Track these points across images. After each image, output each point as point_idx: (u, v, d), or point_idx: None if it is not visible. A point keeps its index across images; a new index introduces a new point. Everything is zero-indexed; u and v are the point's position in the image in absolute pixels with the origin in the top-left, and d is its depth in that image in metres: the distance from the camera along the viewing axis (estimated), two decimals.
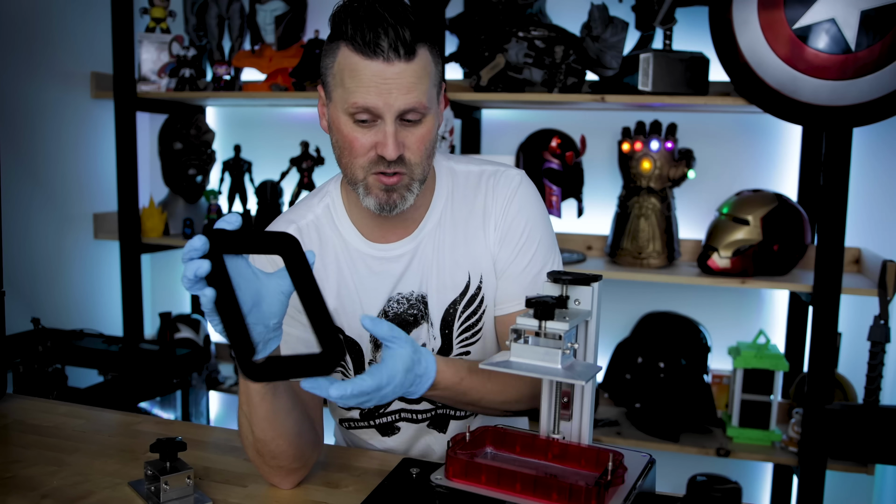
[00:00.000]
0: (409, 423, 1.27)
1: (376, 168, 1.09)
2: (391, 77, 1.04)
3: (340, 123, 1.09)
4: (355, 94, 1.05)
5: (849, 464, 2.12)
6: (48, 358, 2.28)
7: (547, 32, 2.22)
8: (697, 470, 0.90)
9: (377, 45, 1.02)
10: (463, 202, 1.23)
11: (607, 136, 2.48)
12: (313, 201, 1.25)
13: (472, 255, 1.21)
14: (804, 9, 1.87)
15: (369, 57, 1.03)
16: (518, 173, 1.25)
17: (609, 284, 2.34)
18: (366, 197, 1.11)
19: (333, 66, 1.08)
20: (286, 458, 1.07)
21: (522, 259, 1.21)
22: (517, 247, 1.21)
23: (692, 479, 0.86)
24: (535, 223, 1.22)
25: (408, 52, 1.04)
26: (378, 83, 1.04)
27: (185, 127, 2.71)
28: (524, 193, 1.23)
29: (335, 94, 1.09)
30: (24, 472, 1.14)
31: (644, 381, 2.33)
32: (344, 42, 1.06)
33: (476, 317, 1.23)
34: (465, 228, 1.22)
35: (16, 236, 2.42)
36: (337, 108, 1.09)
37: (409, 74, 1.05)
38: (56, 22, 2.58)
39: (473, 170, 1.26)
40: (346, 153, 1.10)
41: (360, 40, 1.03)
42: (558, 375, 0.88)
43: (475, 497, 0.88)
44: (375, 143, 1.07)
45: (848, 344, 2.23)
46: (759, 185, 2.37)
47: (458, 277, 1.21)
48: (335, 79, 1.08)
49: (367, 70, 1.04)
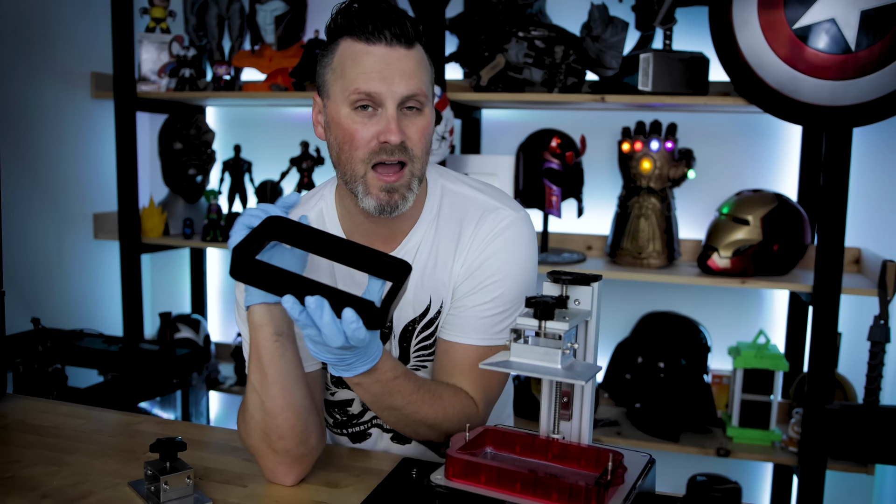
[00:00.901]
0: (380, 429, 1.29)
1: (377, 158, 1.08)
2: (393, 61, 1.06)
3: (340, 117, 1.09)
4: (357, 80, 1.06)
5: (849, 464, 2.12)
6: (48, 358, 2.28)
7: (547, 32, 2.22)
8: (697, 470, 0.90)
9: (380, 31, 1.06)
10: (446, 225, 1.21)
11: (607, 136, 2.48)
12: (308, 205, 1.25)
13: (438, 280, 1.20)
14: (804, 9, 1.87)
15: (372, 42, 1.06)
16: (510, 215, 1.20)
17: (609, 284, 2.34)
18: (365, 197, 1.10)
19: (333, 61, 1.10)
20: (293, 437, 1.07)
21: (480, 297, 1.18)
22: (480, 285, 1.18)
23: (692, 479, 0.86)
24: (508, 270, 1.18)
25: (408, 40, 1.08)
26: (381, 68, 1.06)
27: (185, 127, 2.71)
28: (509, 238, 1.18)
29: (334, 89, 1.10)
30: (24, 472, 1.14)
31: (644, 381, 2.33)
32: (345, 36, 1.08)
33: (433, 339, 1.23)
34: (438, 253, 1.20)
35: (16, 236, 2.43)
36: (337, 103, 1.09)
37: (411, 60, 1.08)
38: (56, 22, 2.58)
39: (467, 194, 1.23)
40: (345, 147, 1.10)
41: (363, 28, 1.06)
42: (558, 375, 0.88)
43: (475, 497, 0.88)
44: (377, 133, 1.07)
45: (848, 344, 2.23)
46: (759, 185, 2.37)
47: (420, 299, 1.20)
48: (335, 73, 1.09)
49: (369, 56, 1.06)
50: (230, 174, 2.75)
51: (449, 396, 1.15)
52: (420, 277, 1.20)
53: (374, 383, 1.05)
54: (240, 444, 1.26)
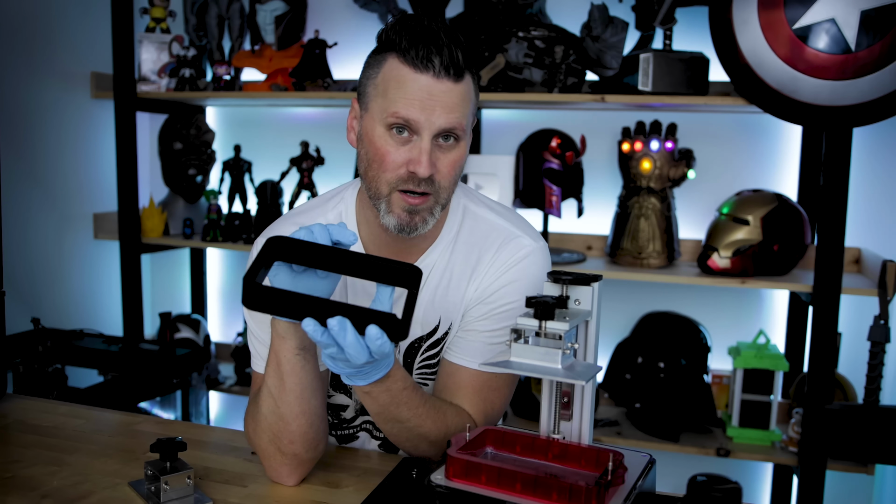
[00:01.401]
0: (368, 434, 1.29)
1: (404, 185, 1.07)
2: (437, 93, 1.04)
3: (374, 135, 1.07)
4: (398, 103, 1.04)
5: (849, 464, 2.12)
6: (48, 358, 2.28)
7: (547, 32, 2.22)
8: (697, 470, 0.90)
9: (429, 60, 1.03)
10: (463, 247, 1.20)
11: (607, 136, 2.48)
12: (326, 206, 1.23)
13: (450, 302, 1.20)
14: (804, 9, 1.87)
15: (419, 70, 1.04)
16: (530, 245, 1.20)
17: (609, 284, 2.34)
18: (387, 215, 1.09)
19: (378, 76, 1.08)
20: (303, 441, 1.07)
21: (491, 324, 1.18)
22: (492, 311, 1.18)
23: (692, 479, 0.87)
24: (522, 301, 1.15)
25: (457, 73, 1.05)
26: (423, 97, 1.04)
27: (185, 127, 2.71)
28: (526, 267, 1.18)
29: (374, 105, 1.08)
30: (24, 472, 1.14)
31: (644, 381, 2.33)
32: (394, 53, 1.06)
33: (437, 359, 1.23)
34: (453, 275, 1.20)
35: (16, 236, 2.42)
36: (374, 119, 1.08)
37: (455, 95, 1.05)
38: (56, 22, 2.58)
39: (488, 218, 1.22)
40: (374, 165, 1.08)
41: (413, 52, 1.03)
42: (558, 375, 0.88)
43: (475, 497, 0.88)
44: (408, 161, 1.06)
45: (848, 344, 2.23)
46: (759, 185, 2.37)
47: (429, 319, 1.20)
48: (377, 88, 1.07)
49: (414, 83, 1.04)
50: (230, 174, 2.74)
51: (452, 415, 1.15)
52: (431, 297, 1.19)
53: (384, 392, 1.05)
54: (240, 444, 1.26)
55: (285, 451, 1.08)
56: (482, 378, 1.18)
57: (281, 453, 1.08)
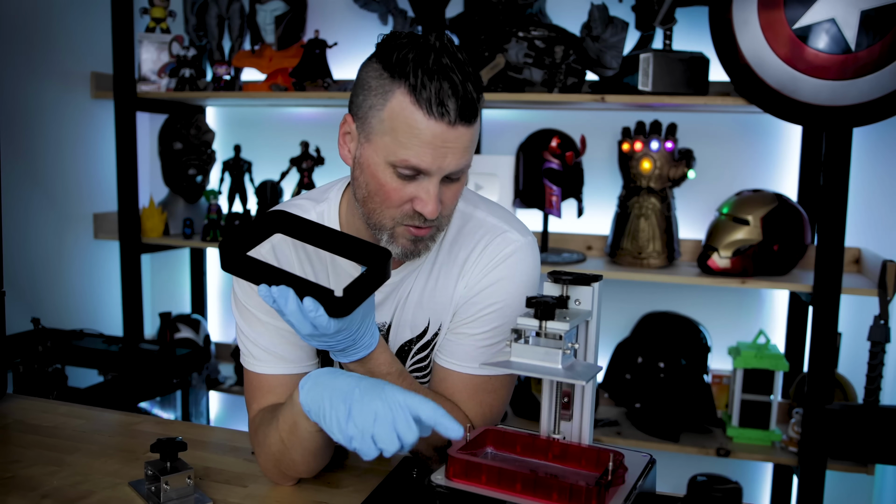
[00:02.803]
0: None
1: (409, 221, 1.04)
2: (451, 140, 0.98)
3: (377, 171, 1.02)
4: (408, 151, 0.98)
5: (849, 464, 2.12)
6: (48, 358, 2.28)
7: (547, 32, 2.22)
8: (697, 470, 0.90)
9: (444, 106, 0.96)
10: (451, 246, 1.17)
11: (607, 136, 2.48)
12: (308, 204, 1.19)
13: (439, 302, 1.17)
14: (804, 9, 1.87)
15: (433, 117, 0.96)
16: (517, 240, 1.16)
17: (609, 284, 2.34)
18: (390, 244, 1.06)
19: (384, 109, 0.99)
20: (307, 472, 1.10)
21: (480, 326, 1.16)
22: (480, 313, 1.15)
23: (692, 479, 0.87)
24: (510, 300, 1.14)
25: (472, 116, 0.99)
26: (437, 145, 0.98)
27: (185, 127, 2.71)
28: (514, 263, 1.15)
29: (378, 140, 1.00)
30: (24, 472, 1.14)
31: (644, 381, 2.33)
32: (405, 89, 0.97)
33: (428, 360, 1.22)
34: (440, 275, 1.17)
35: (16, 236, 2.42)
36: (377, 153, 1.01)
37: (468, 138, 1.00)
38: (56, 22, 2.58)
39: (476, 215, 1.19)
40: (376, 199, 1.04)
41: (427, 97, 0.96)
42: (558, 375, 0.88)
43: (475, 497, 0.88)
44: (413, 198, 1.02)
45: (848, 344, 2.23)
46: (759, 185, 2.37)
47: (418, 320, 1.18)
48: (383, 124, 0.99)
49: (427, 130, 0.97)
50: (230, 174, 2.74)
51: (447, 409, 1.13)
52: (419, 298, 1.17)
53: (366, 374, 1.05)
54: (240, 444, 1.26)
55: (288, 475, 1.11)
56: (476, 381, 1.17)
57: (283, 476, 1.11)
